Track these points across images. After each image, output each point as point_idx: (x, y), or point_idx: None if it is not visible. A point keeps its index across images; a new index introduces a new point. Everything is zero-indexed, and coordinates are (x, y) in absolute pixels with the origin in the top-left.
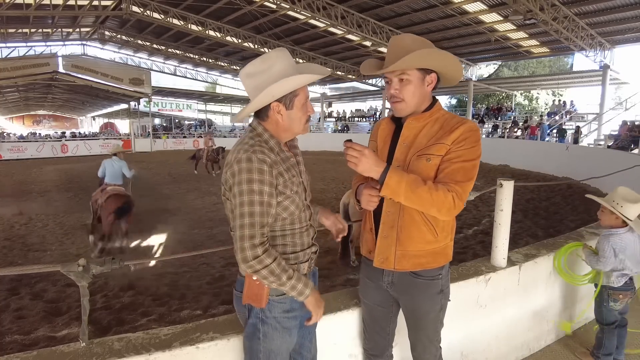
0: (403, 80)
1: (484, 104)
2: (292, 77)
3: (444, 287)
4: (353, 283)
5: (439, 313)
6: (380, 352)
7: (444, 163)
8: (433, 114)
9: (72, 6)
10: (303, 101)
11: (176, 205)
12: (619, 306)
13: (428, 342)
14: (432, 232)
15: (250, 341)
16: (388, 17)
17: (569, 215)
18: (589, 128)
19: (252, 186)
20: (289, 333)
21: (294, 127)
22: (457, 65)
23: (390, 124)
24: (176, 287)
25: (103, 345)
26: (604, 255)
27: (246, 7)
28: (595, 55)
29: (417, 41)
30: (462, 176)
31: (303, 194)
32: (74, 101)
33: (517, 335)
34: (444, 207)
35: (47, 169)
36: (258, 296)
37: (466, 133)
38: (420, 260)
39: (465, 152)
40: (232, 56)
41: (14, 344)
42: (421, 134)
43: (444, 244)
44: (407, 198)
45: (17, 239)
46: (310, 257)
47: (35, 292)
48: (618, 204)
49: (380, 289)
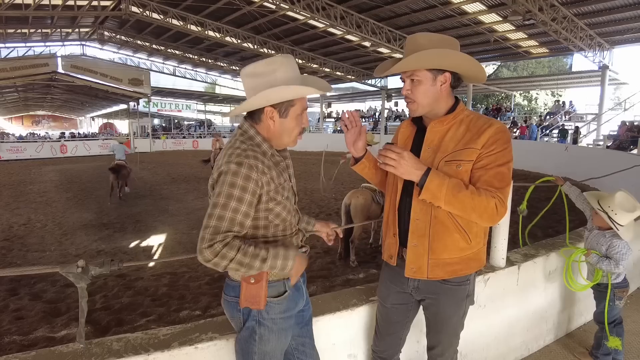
0: (414, 80)
1: (483, 105)
2: (291, 87)
3: (470, 292)
4: (352, 283)
5: (462, 317)
6: (390, 354)
7: (479, 170)
8: (457, 115)
9: (71, 6)
10: (299, 112)
11: (176, 205)
12: (622, 303)
13: (448, 344)
14: (466, 238)
15: (244, 344)
16: (387, 17)
17: (568, 215)
18: (588, 128)
19: (232, 190)
20: (284, 334)
21: (284, 137)
22: (471, 64)
23: (411, 126)
24: (175, 287)
25: (102, 345)
26: (623, 258)
27: (245, 7)
28: (594, 55)
29: (433, 40)
30: (500, 182)
31: (293, 198)
32: (73, 101)
33: (516, 335)
34: (485, 212)
35: (46, 170)
36: (257, 298)
37: (496, 135)
38: (454, 267)
39: (498, 155)
40: (232, 56)
41: (13, 344)
42: (447, 138)
43: (477, 249)
44: (447, 202)
45: (16, 240)
46: None
47: (35, 293)
48: (613, 211)
49: (403, 293)
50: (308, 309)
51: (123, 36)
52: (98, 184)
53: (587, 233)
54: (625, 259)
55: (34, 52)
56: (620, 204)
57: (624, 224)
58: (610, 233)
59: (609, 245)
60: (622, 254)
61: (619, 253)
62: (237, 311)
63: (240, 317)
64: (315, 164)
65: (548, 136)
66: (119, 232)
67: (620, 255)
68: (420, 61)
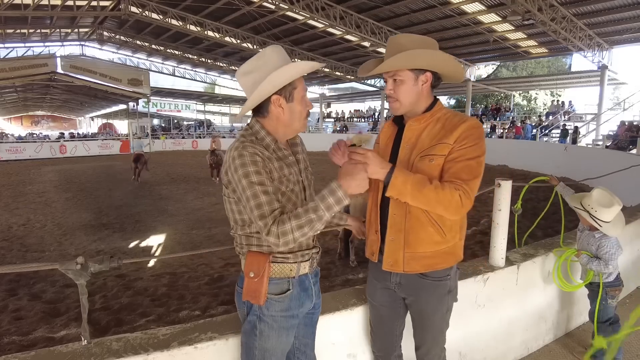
0: (396, 80)
1: (483, 104)
2: (291, 65)
3: (452, 287)
4: (352, 283)
5: (446, 314)
6: (387, 353)
7: (449, 163)
8: (434, 113)
9: (70, 7)
10: (302, 94)
11: (175, 205)
12: (615, 302)
13: (433, 343)
14: (440, 232)
15: (247, 338)
16: (387, 17)
17: (567, 215)
18: (587, 128)
19: (250, 178)
20: (285, 333)
21: (295, 121)
22: (451, 63)
23: (392, 126)
24: (175, 287)
25: (101, 345)
26: (612, 257)
27: (245, 7)
28: (594, 55)
29: (415, 41)
30: (468, 174)
31: (301, 193)
32: (72, 102)
33: (515, 335)
34: (450, 205)
35: (46, 170)
36: (256, 293)
37: (468, 131)
38: (430, 261)
39: (469, 150)
40: (231, 57)
41: (13, 344)
42: (423, 135)
43: (453, 243)
44: (413, 198)
45: (15, 240)
46: (311, 256)
47: (34, 293)
48: (593, 209)
49: (387, 289)
50: (318, 311)
51: (122, 36)
52: (97, 184)
53: (579, 234)
54: (614, 258)
55: (33, 53)
56: (597, 200)
57: (608, 220)
58: (599, 233)
59: (598, 246)
60: (611, 254)
61: (608, 253)
62: (242, 303)
63: (245, 309)
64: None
65: (548, 136)
66: (118, 232)
67: (609, 255)
68: (403, 61)
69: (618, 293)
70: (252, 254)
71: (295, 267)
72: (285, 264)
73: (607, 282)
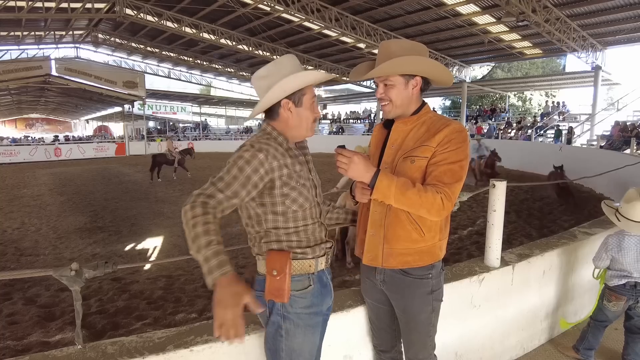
0: (387, 85)
1: (478, 105)
2: (301, 73)
3: (434, 287)
4: (348, 285)
5: (431, 315)
6: (389, 347)
7: (431, 166)
8: (420, 117)
9: (64, 9)
10: (311, 100)
11: (171, 208)
12: (612, 307)
13: (421, 346)
14: (418, 231)
15: (272, 341)
16: (382, 19)
17: (562, 215)
18: (581, 129)
19: (238, 162)
20: (312, 331)
21: (302, 126)
22: (439, 70)
23: (382, 129)
24: (171, 290)
25: (96, 349)
26: (599, 251)
27: (240, 9)
28: (587, 56)
29: (405, 46)
30: (450, 178)
31: (313, 189)
32: (67, 104)
33: (511, 335)
34: (432, 208)
35: (40, 173)
36: (280, 290)
37: (451, 135)
38: (406, 258)
39: (451, 154)
40: (227, 58)
41: (7, 349)
42: (409, 137)
43: (432, 243)
44: (397, 200)
45: (9, 244)
46: (326, 251)
47: (28, 297)
48: (620, 206)
49: (376, 287)
50: (330, 312)
51: (117, 39)
52: (93, 187)
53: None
54: (600, 255)
55: (27, 55)
56: (625, 197)
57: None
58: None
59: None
60: (599, 249)
61: (599, 247)
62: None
63: (266, 311)
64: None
65: (542, 136)
66: (114, 235)
67: (598, 248)
68: (394, 67)
69: (615, 300)
70: (273, 252)
71: (314, 263)
72: (304, 260)
73: (610, 285)
